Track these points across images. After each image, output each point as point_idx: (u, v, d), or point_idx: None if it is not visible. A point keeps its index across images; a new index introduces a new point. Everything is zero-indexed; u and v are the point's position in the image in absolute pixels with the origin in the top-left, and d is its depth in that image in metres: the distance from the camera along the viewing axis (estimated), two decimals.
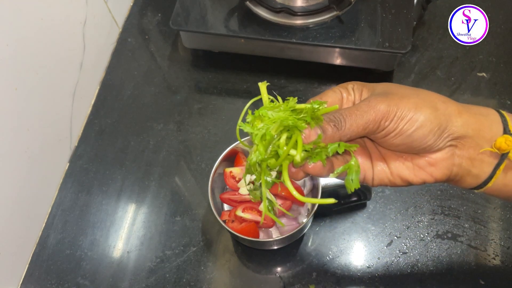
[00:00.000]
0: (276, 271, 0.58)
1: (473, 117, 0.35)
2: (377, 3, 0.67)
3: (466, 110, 0.35)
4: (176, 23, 0.68)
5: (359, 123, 0.34)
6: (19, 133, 0.56)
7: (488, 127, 0.34)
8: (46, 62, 0.60)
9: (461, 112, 0.35)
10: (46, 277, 0.60)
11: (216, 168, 0.56)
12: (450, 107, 0.35)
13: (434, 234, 0.59)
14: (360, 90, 0.38)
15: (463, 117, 0.34)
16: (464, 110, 0.35)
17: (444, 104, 0.35)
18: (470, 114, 0.35)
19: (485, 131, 0.34)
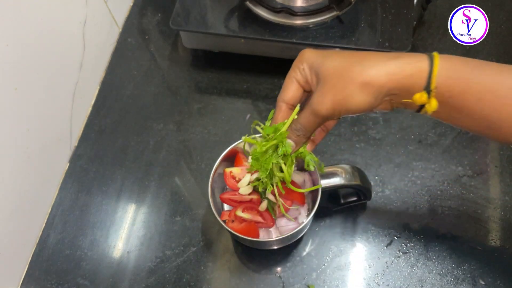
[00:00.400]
0: (276, 271, 0.58)
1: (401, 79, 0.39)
2: (377, 3, 0.67)
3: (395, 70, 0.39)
4: (176, 23, 0.68)
5: (315, 127, 0.44)
6: (19, 133, 0.56)
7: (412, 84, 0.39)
8: (46, 62, 0.60)
9: (391, 75, 0.39)
10: (46, 277, 0.60)
11: (216, 168, 0.56)
12: (381, 76, 0.39)
13: (434, 234, 0.59)
14: (309, 69, 0.44)
15: (393, 81, 0.39)
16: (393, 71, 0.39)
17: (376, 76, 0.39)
18: (399, 77, 0.39)
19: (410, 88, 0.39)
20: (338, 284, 0.56)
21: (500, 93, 0.38)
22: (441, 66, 0.39)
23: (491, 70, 0.39)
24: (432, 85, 0.39)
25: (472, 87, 0.39)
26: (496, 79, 0.39)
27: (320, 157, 0.65)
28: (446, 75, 0.39)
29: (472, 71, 0.39)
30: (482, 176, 0.62)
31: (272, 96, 0.71)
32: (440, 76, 0.39)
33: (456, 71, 0.39)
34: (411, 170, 0.63)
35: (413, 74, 0.39)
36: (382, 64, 0.40)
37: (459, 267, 0.56)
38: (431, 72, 0.39)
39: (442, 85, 0.39)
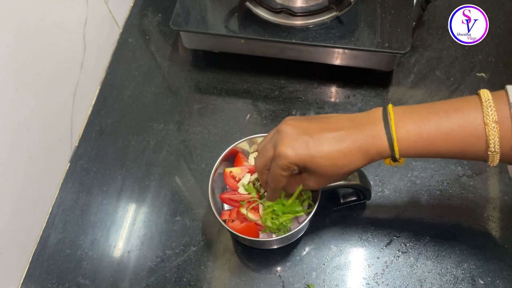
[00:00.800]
0: (276, 271, 0.58)
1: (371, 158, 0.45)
2: (376, 4, 0.67)
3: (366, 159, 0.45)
4: (176, 24, 0.68)
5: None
6: (19, 133, 0.57)
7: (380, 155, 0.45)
8: (47, 62, 0.60)
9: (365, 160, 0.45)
10: (47, 276, 0.60)
11: (216, 168, 0.56)
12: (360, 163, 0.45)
13: (433, 233, 0.59)
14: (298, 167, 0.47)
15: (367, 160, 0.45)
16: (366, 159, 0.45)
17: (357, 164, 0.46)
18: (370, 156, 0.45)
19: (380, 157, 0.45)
20: (338, 284, 0.57)
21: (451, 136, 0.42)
22: (399, 141, 0.43)
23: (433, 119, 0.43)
24: (397, 155, 0.44)
25: (429, 140, 0.43)
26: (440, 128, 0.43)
27: None
28: (405, 145, 0.43)
29: (424, 128, 0.43)
30: (481, 176, 0.62)
31: (272, 96, 0.71)
32: (400, 145, 0.43)
33: (412, 137, 0.43)
34: (411, 170, 0.63)
35: (380, 153, 0.44)
36: (361, 157, 0.45)
37: (458, 266, 0.57)
38: (394, 151, 0.44)
39: (404, 153, 0.44)
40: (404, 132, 0.43)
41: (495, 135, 0.40)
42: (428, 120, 0.43)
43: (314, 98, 0.70)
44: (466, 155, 0.43)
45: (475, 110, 0.41)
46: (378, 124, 0.44)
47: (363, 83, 0.71)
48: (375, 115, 0.45)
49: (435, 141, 0.43)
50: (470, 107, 0.42)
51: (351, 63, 0.69)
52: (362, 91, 0.70)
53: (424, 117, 0.43)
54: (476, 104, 0.41)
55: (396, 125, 0.43)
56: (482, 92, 0.41)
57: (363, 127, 0.45)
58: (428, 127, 0.43)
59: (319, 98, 0.70)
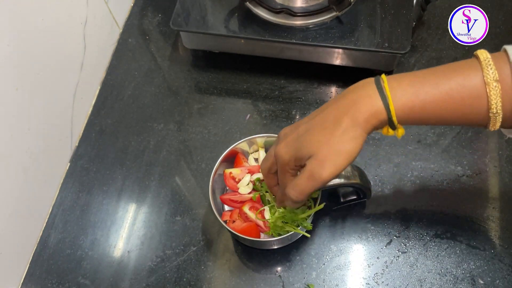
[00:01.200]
0: (276, 271, 0.58)
1: (370, 127, 0.42)
2: (376, 4, 0.67)
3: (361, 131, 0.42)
4: (176, 24, 0.68)
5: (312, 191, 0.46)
6: (19, 133, 0.57)
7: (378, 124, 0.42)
8: (47, 62, 0.60)
9: (364, 131, 0.42)
10: (47, 276, 0.60)
11: (216, 169, 0.56)
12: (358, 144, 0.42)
13: (433, 233, 0.59)
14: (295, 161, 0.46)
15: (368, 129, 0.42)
16: (361, 132, 0.42)
17: (355, 146, 0.42)
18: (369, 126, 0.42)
19: (378, 127, 0.42)
20: (338, 284, 0.57)
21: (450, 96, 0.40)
22: (394, 100, 0.40)
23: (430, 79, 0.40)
24: (395, 122, 0.41)
25: (426, 101, 0.40)
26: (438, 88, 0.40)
27: None
28: (401, 105, 0.40)
29: (420, 87, 0.40)
30: (481, 176, 0.62)
31: (272, 96, 0.71)
32: (397, 109, 0.40)
33: (408, 96, 0.40)
34: (411, 170, 0.63)
35: (373, 115, 0.41)
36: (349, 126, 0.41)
37: (458, 266, 0.57)
38: (390, 112, 0.40)
39: (401, 116, 0.41)
40: (400, 91, 0.40)
41: (496, 94, 0.38)
42: (425, 80, 0.40)
43: (314, 98, 0.70)
44: (466, 117, 0.40)
45: (474, 69, 0.39)
46: (369, 86, 0.41)
47: None
48: (364, 81, 0.43)
49: (433, 101, 0.40)
50: (470, 66, 0.39)
51: (351, 63, 0.69)
52: None
53: (420, 77, 0.41)
54: (475, 64, 0.39)
55: (389, 85, 0.40)
56: (480, 52, 0.39)
57: (351, 92, 0.42)
58: (426, 86, 0.40)
59: (319, 98, 0.70)
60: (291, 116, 0.69)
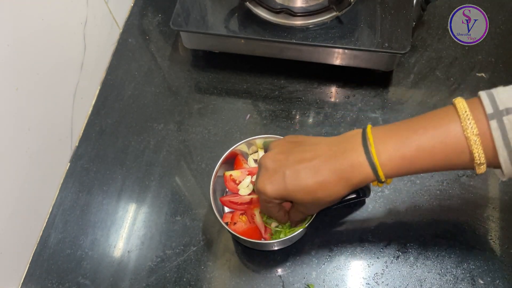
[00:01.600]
0: (276, 271, 0.58)
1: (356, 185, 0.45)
2: (376, 4, 0.68)
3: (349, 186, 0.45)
4: (176, 24, 0.68)
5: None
6: (19, 133, 0.57)
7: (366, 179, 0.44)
8: (47, 62, 0.60)
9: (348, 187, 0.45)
10: (47, 276, 0.60)
11: (216, 171, 0.56)
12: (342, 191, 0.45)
13: (433, 233, 0.59)
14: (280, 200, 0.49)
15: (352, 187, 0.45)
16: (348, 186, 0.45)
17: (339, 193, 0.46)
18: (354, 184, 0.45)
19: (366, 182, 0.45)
20: (338, 284, 0.57)
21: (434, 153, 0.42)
22: (382, 166, 0.43)
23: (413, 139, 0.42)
24: (382, 178, 0.43)
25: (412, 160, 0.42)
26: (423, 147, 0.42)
27: None
28: (389, 169, 0.43)
29: (405, 149, 0.42)
30: (481, 176, 0.62)
31: (272, 97, 0.71)
32: (384, 169, 0.43)
33: (395, 160, 0.43)
34: None
35: (363, 180, 0.44)
36: (341, 186, 0.45)
37: (458, 266, 0.57)
38: (379, 177, 0.43)
39: (389, 174, 0.43)
40: (386, 156, 0.42)
41: (478, 147, 0.39)
42: (409, 140, 0.42)
43: (314, 98, 0.70)
44: (452, 168, 0.43)
45: (454, 123, 0.40)
46: (357, 150, 0.44)
47: (363, 83, 0.71)
48: (354, 139, 0.45)
49: (418, 160, 0.42)
50: (449, 120, 0.41)
51: (351, 63, 0.69)
52: (362, 91, 0.70)
53: (404, 137, 0.43)
54: (454, 117, 0.41)
55: (376, 150, 0.43)
56: (458, 103, 0.41)
57: (342, 155, 0.44)
58: (409, 147, 0.42)
59: (319, 98, 0.70)
60: (291, 116, 0.69)
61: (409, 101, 0.69)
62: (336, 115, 0.69)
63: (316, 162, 0.45)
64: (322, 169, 0.44)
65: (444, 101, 0.68)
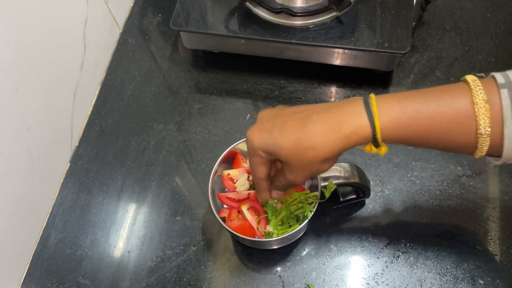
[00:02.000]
0: (276, 271, 0.58)
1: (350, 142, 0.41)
2: (376, 4, 0.68)
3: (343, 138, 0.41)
4: (176, 24, 0.68)
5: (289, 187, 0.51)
6: (20, 133, 0.57)
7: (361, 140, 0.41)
8: (47, 63, 0.60)
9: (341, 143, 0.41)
10: (47, 276, 0.60)
11: (215, 170, 0.56)
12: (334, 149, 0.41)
13: (433, 233, 0.59)
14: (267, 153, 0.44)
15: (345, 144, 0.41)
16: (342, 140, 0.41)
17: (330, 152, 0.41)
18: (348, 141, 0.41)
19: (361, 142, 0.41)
20: (338, 283, 0.57)
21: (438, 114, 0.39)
22: (381, 115, 0.39)
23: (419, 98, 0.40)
24: (379, 140, 0.40)
25: (414, 118, 0.39)
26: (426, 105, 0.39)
27: None
28: (387, 121, 0.39)
29: (408, 104, 0.40)
30: (481, 176, 0.62)
31: (272, 96, 0.71)
32: (383, 127, 0.39)
33: (395, 113, 0.39)
34: (411, 170, 0.63)
35: (356, 131, 0.40)
36: (331, 138, 0.40)
37: (458, 266, 0.57)
38: (375, 128, 0.39)
39: (386, 133, 0.40)
40: (387, 107, 0.39)
41: (485, 114, 0.37)
42: (413, 98, 0.40)
43: (314, 98, 0.70)
44: (453, 138, 0.39)
45: (463, 91, 0.38)
46: (356, 102, 0.41)
47: (363, 83, 0.71)
48: (353, 99, 0.42)
49: (420, 118, 0.39)
50: (458, 88, 0.39)
51: (351, 63, 0.69)
52: (362, 91, 0.70)
53: (408, 96, 0.40)
54: (464, 86, 0.39)
55: (377, 102, 0.40)
56: (468, 76, 0.39)
57: (337, 107, 0.41)
58: (414, 103, 0.39)
59: (319, 98, 0.70)
60: None
61: None
62: None
63: (308, 112, 0.42)
64: (312, 118, 0.41)
65: None
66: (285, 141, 0.42)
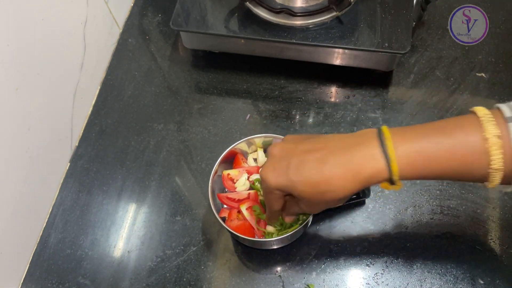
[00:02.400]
0: (276, 271, 0.58)
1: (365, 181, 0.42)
2: (376, 4, 0.68)
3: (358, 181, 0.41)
4: (176, 24, 0.68)
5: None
6: (20, 133, 0.57)
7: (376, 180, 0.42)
8: (47, 62, 0.60)
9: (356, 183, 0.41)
10: (47, 276, 0.60)
11: (215, 170, 0.56)
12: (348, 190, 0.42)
13: (433, 233, 0.59)
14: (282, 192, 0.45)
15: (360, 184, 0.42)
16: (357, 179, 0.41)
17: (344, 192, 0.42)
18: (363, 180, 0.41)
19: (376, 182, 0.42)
20: (338, 283, 0.57)
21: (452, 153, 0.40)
22: (398, 159, 0.40)
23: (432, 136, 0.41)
24: (395, 174, 0.41)
25: (429, 158, 0.40)
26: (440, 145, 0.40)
27: None
28: (404, 163, 0.40)
29: (423, 144, 0.40)
30: None
31: (272, 96, 0.71)
32: (399, 163, 0.40)
33: (411, 155, 0.40)
34: None
35: (374, 175, 0.41)
36: (349, 182, 0.41)
37: (458, 266, 0.57)
38: (392, 172, 0.40)
39: (403, 174, 0.41)
40: (403, 149, 0.40)
41: (498, 150, 0.38)
42: (427, 136, 0.40)
43: (314, 98, 0.70)
44: (467, 173, 0.41)
45: (474, 125, 0.39)
46: (372, 143, 0.41)
47: (363, 83, 0.71)
48: (367, 135, 0.42)
49: (435, 158, 0.40)
50: (470, 122, 0.40)
51: (351, 63, 0.69)
52: (362, 91, 0.70)
53: (422, 133, 0.41)
54: (474, 120, 0.39)
55: (393, 142, 0.40)
56: (477, 109, 0.40)
57: (353, 147, 0.41)
58: (428, 143, 0.40)
59: (319, 98, 0.70)
60: (291, 116, 0.69)
61: (409, 101, 0.69)
62: (336, 115, 0.69)
63: (324, 152, 0.42)
64: (329, 160, 0.41)
65: (444, 101, 0.68)
66: (303, 185, 0.42)
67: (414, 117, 0.67)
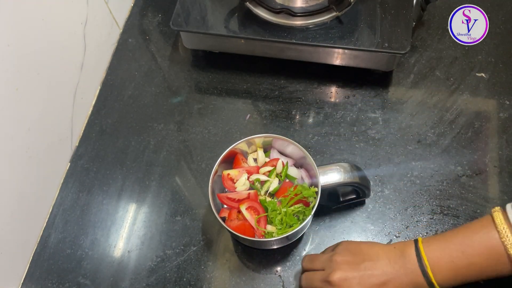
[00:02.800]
0: (276, 270, 0.58)
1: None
2: (376, 4, 0.68)
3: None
4: (176, 24, 0.68)
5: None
6: (20, 133, 0.57)
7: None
8: (47, 63, 0.60)
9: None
10: (47, 276, 0.60)
11: (215, 170, 0.56)
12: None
13: (433, 233, 0.59)
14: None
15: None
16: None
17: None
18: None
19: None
20: None
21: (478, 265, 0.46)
22: (435, 277, 0.46)
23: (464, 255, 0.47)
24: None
25: (457, 275, 0.47)
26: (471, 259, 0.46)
27: (320, 156, 0.65)
28: (440, 279, 0.47)
29: (455, 265, 0.46)
30: (481, 176, 0.62)
31: (272, 96, 0.71)
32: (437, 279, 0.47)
33: (445, 272, 0.46)
34: (410, 170, 0.63)
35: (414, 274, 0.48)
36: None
37: None
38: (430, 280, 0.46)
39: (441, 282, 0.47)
40: (438, 269, 0.46)
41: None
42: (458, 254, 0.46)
43: (314, 98, 0.70)
44: (494, 271, 0.46)
45: (494, 236, 0.45)
46: (414, 266, 0.47)
47: (363, 83, 0.71)
48: (410, 257, 0.48)
49: (464, 273, 0.46)
50: (490, 236, 0.46)
51: (351, 63, 0.69)
52: (362, 91, 0.70)
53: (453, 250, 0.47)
54: (493, 231, 0.45)
55: (432, 270, 0.46)
56: (496, 216, 0.46)
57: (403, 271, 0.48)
58: (460, 262, 0.46)
59: (319, 98, 0.70)
60: (291, 116, 0.69)
61: (409, 101, 0.69)
62: (336, 115, 0.69)
63: (381, 279, 0.48)
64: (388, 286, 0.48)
65: (444, 101, 0.68)
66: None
67: (414, 117, 0.67)
